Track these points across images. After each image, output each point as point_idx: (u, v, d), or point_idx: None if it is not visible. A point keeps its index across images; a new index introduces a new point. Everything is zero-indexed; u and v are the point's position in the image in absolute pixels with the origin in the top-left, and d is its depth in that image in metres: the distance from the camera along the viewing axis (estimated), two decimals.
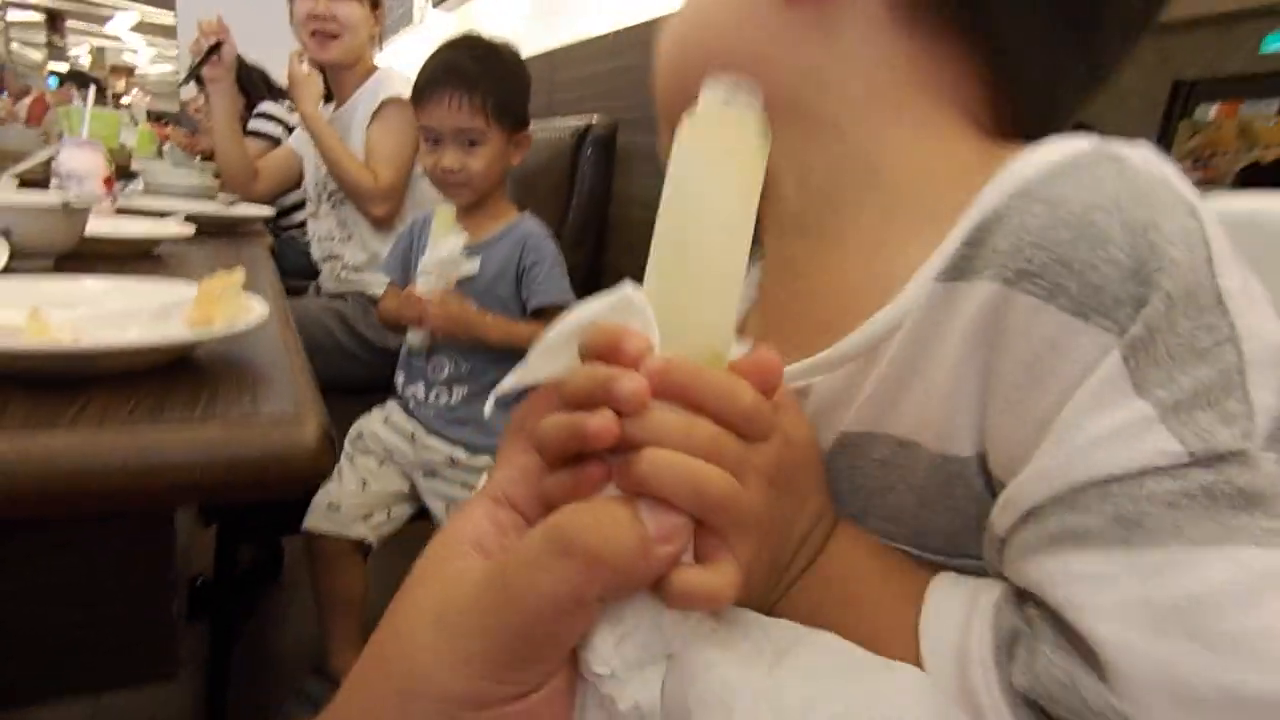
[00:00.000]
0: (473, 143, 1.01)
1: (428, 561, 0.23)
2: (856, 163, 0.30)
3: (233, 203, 1.33)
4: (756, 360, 0.23)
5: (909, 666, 0.23)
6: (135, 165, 2.01)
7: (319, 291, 1.49)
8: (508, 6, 1.98)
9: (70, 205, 0.72)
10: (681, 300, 0.23)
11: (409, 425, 1.03)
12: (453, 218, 0.99)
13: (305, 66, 1.33)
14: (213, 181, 1.53)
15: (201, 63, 1.43)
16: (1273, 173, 0.62)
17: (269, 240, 1.15)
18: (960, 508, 0.25)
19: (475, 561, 0.22)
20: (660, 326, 0.22)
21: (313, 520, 1.00)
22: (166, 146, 3.02)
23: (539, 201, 1.26)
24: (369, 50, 1.47)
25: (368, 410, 1.07)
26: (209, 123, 1.74)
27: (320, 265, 1.48)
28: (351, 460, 1.04)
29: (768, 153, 0.24)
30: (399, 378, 1.07)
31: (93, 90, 1.11)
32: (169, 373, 0.47)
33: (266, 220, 1.31)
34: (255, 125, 1.94)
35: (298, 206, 1.83)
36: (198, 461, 0.40)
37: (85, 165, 0.88)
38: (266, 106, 1.99)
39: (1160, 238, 0.21)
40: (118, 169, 1.79)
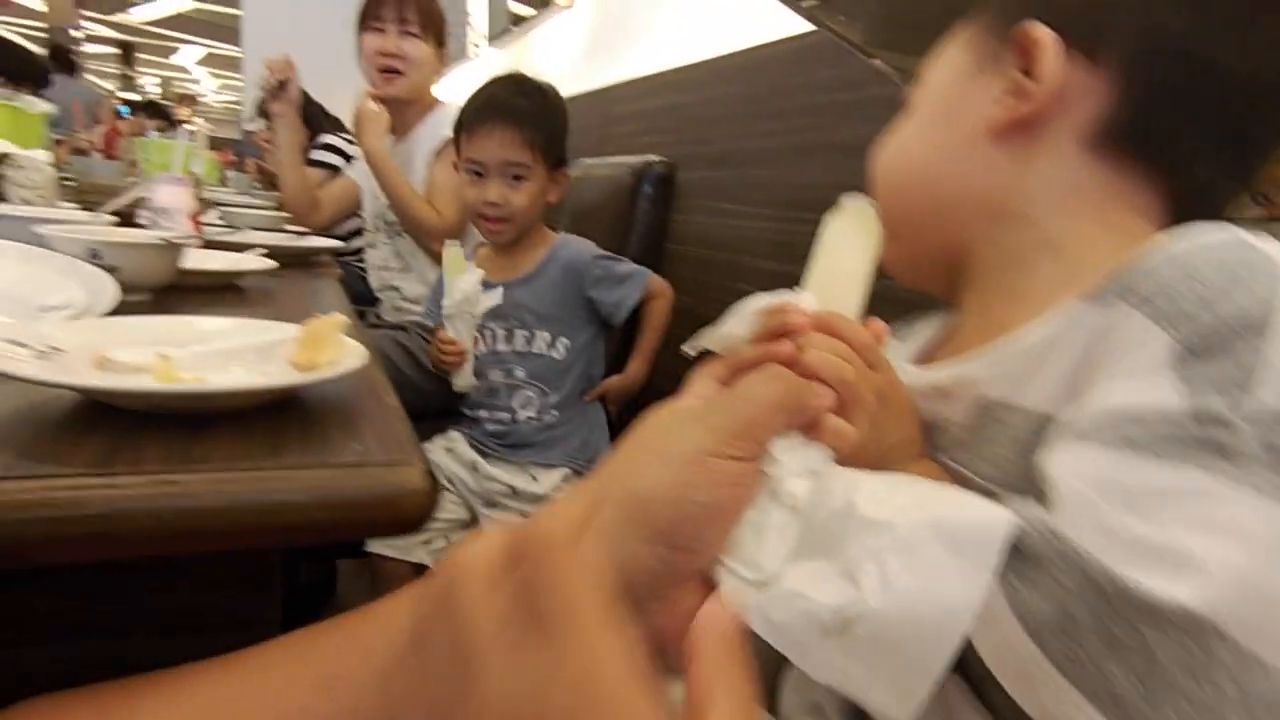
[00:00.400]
0: (518, 177, 1.02)
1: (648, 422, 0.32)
2: (1045, 245, 0.37)
3: (302, 234, 1.38)
4: (872, 324, 0.37)
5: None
6: (204, 194, 2.10)
7: (378, 319, 1.53)
8: (562, 43, 2.03)
9: (170, 242, 0.76)
10: (828, 291, 0.38)
11: (471, 454, 1.05)
12: (461, 258, 1.01)
13: (372, 105, 1.38)
14: (278, 211, 1.59)
15: (269, 98, 1.50)
16: None
17: (338, 272, 1.19)
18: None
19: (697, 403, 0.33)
20: (820, 303, 0.37)
21: (376, 543, 1.02)
22: (231, 173, 3.15)
23: (596, 238, 1.28)
24: (430, 86, 1.53)
25: (429, 438, 1.09)
26: (273, 152, 1.81)
27: (379, 294, 1.53)
28: None
29: (880, 234, 0.40)
30: (470, 415, 1.09)
31: (189, 134, 1.17)
32: (278, 413, 0.49)
33: (334, 252, 1.35)
34: (317, 155, 2.01)
35: (354, 234, 1.89)
36: (317, 503, 0.42)
37: (176, 201, 0.93)
38: (327, 137, 2.06)
39: (1243, 285, 0.27)
40: None
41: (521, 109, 1.01)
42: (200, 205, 0.96)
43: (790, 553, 0.29)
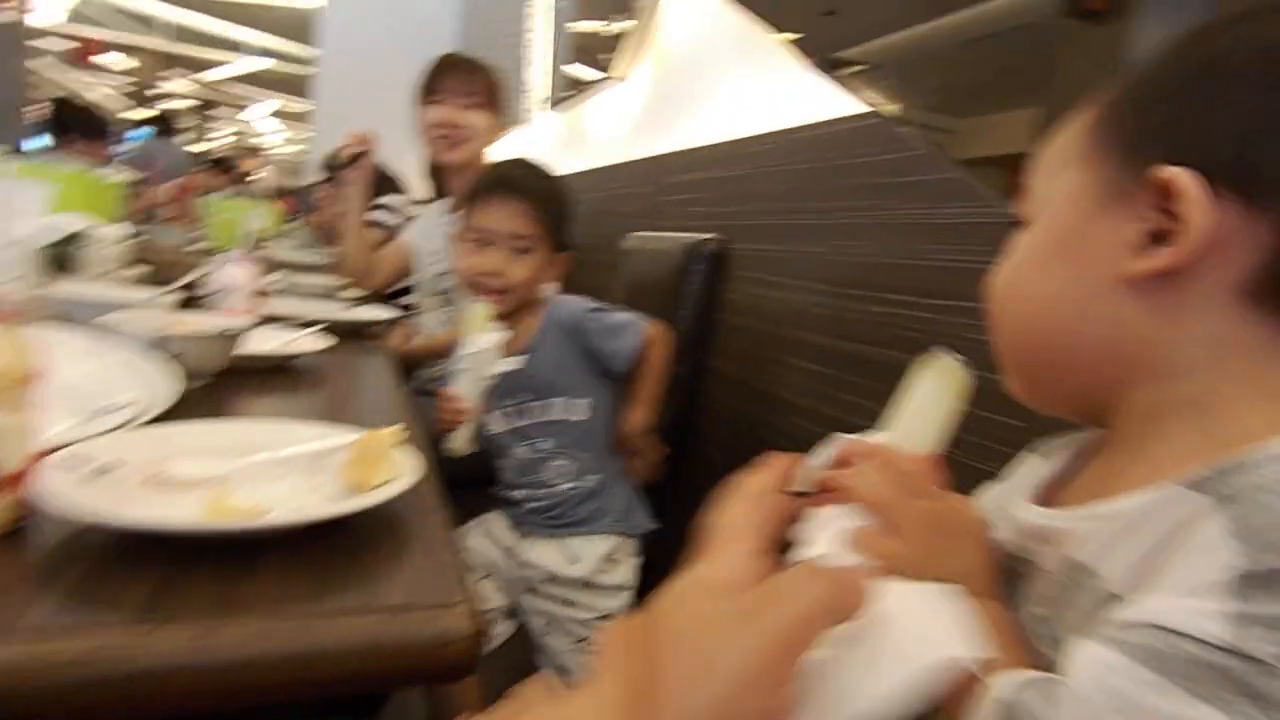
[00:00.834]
0: (522, 250, 1.02)
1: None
2: (1188, 405, 0.34)
3: (355, 303, 1.41)
4: (937, 460, 0.40)
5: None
6: (264, 249, 2.17)
7: (422, 383, 1.53)
8: (617, 112, 2.06)
9: (226, 332, 0.76)
10: (911, 430, 0.41)
11: (508, 538, 1.03)
12: (486, 315, 0.98)
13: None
14: (332, 274, 1.63)
15: (345, 166, 1.56)
16: None
17: (391, 344, 1.20)
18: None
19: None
20: (895, 438, 0.40)
21: None
22: (290, 226, 3.27)
23: (651, 309, 1.27)
24: (487, 153, 1.56)
25: (470, 517, 1.07)
26: (333, 210, 1.86)
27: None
28: None
29: (966, 386, 0.41)
30: (504, 494, 1.07)
31: (252, 205, 1.20)
32: (327, 536, 0.48)
33: (391, 321, 1.37)
34: (374, 216, 2.07)
35: (402, 292, 1.92)
36: (361, 651, 0.40)
37: (238, 280, 0.95)
38: (384, 198, 2.12)
39: None
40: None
41: (531, 186, 1.04)
42: (260, 278, 0.97)
43: None
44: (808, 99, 1.12)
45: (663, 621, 0.30)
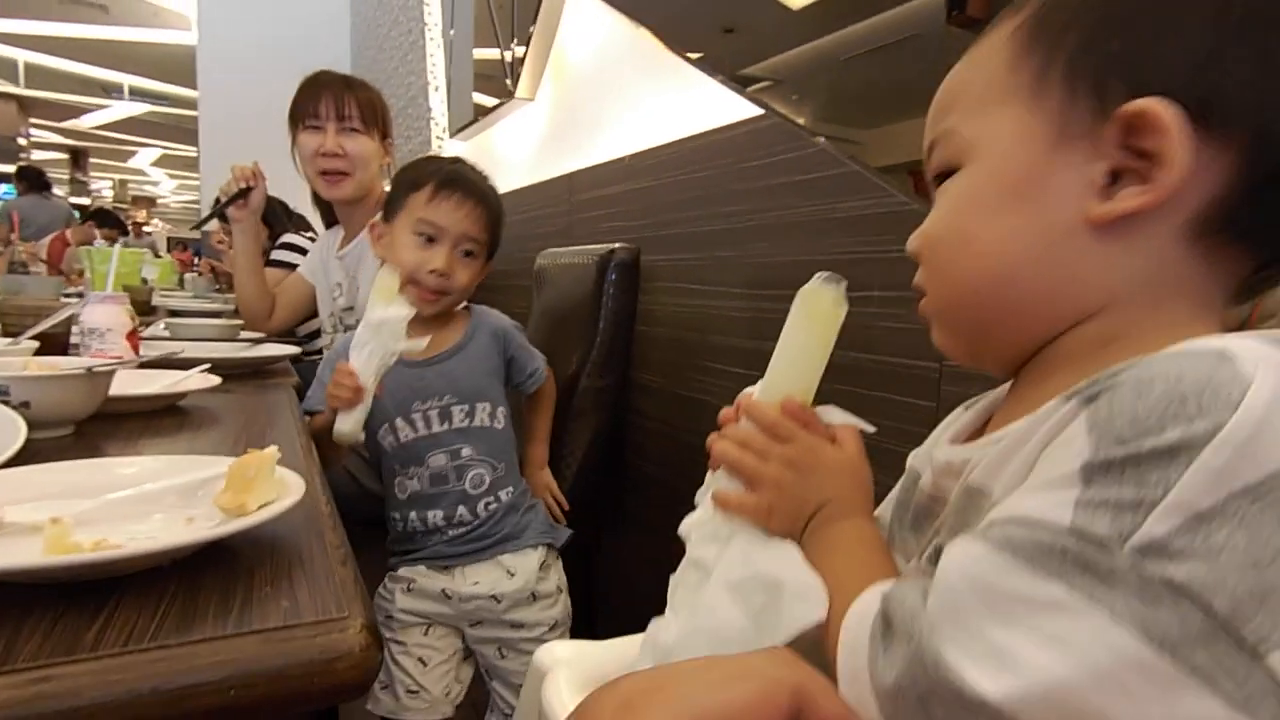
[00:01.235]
0: (469, 254, 0.99)
1: None
2: (1105, 341, 0.33)
3: (256, 342, 1.33)
4: (788, 405, 0.43)
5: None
6: (157, 299, 2.04)
7: None
8: (525, 134, 2.05)
9: (94, 371, 0.70)
10: (782, 369, 0.44)
11: (437, 583, 0.97)
12: (395, 285, 0.89)
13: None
14: (234, 320, 1.54)
15: (228, 203, 1.46)
16: None
17: (295, 380, 1.13)
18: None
19: None
20: (768, 383, 0.45)
21: (398, 712, 0.94)
22: (190, 275, 3.10)
23: (567, 324, 1.25)
24: (379, 181, 1.49)
25: (394, 570, 1.00)
26: (231, 255, 1.76)
27: None
28: (403, 642, 0.97)
29: (843, 314, 0.43)
30: (408, 518, 0.99)
31: (118, 246, 1.12)
32: (198, 568, 0.43)
33: (293, 359, 1.29)
34: (278, 255, 1.97)
35: (315, 334, 1.83)
36: (233, 680, 0.35)
37: (109, 321, 0.87)
38: (289, 237, 2.03)
39: (1184, 413, 0.24)
40: (139, 305, 1.82)
41: (486, 190, 1.02)
42: (136, 321, 0.90)
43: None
44: (709, 106, 1.13)
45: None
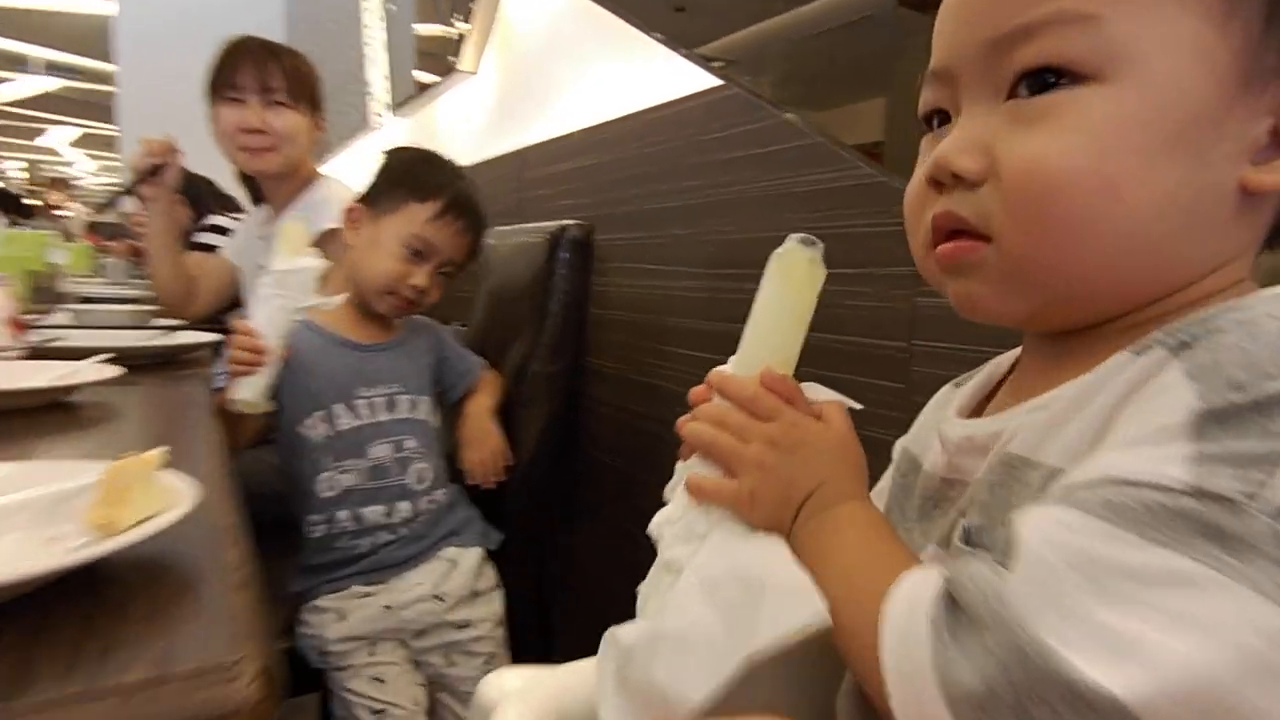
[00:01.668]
0: (447, 275, 0.97)
1: None
2: (1183, 304, 0.29)
3: (172, 329, 1.21)
4: (768, 377, 0.37)
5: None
6: (67, 286, 1.88)
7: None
8: (470, 109, 1.95)
9: None
10: (758, 339, 0.38)
11: (375, 600, 0.89)
12: (304, 237, 0.82)
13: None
14: (150, 306, 1.42)
15: (140, 181, 1.33)
16: None
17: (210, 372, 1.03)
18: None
19: None
20: (742, 356, 0.39)
21: None
22: (109, 261, 2.89)
23: (516, 307, 1.17)
24: (309, 156, 1.38)
25: (318, 596, 0.91)
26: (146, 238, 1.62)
27: None
28: (348, 668, 0.87)
29: (822, 277, 0.37)
30: (335, 519, 0.90)
31: (58, 252, 1.00)
32: (54, 599, 0.35)
33: (215, 346, 1.18)
34: (202, 238, 1.84)
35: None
36: None
37: None
38: (214, 218, 1.89)
39: None
40: (44, 293, 1.66)
41: (483, 219, 1.00)
42: (24, 306, 0.79)
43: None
44: (662, 78, 1.07)
45: None
